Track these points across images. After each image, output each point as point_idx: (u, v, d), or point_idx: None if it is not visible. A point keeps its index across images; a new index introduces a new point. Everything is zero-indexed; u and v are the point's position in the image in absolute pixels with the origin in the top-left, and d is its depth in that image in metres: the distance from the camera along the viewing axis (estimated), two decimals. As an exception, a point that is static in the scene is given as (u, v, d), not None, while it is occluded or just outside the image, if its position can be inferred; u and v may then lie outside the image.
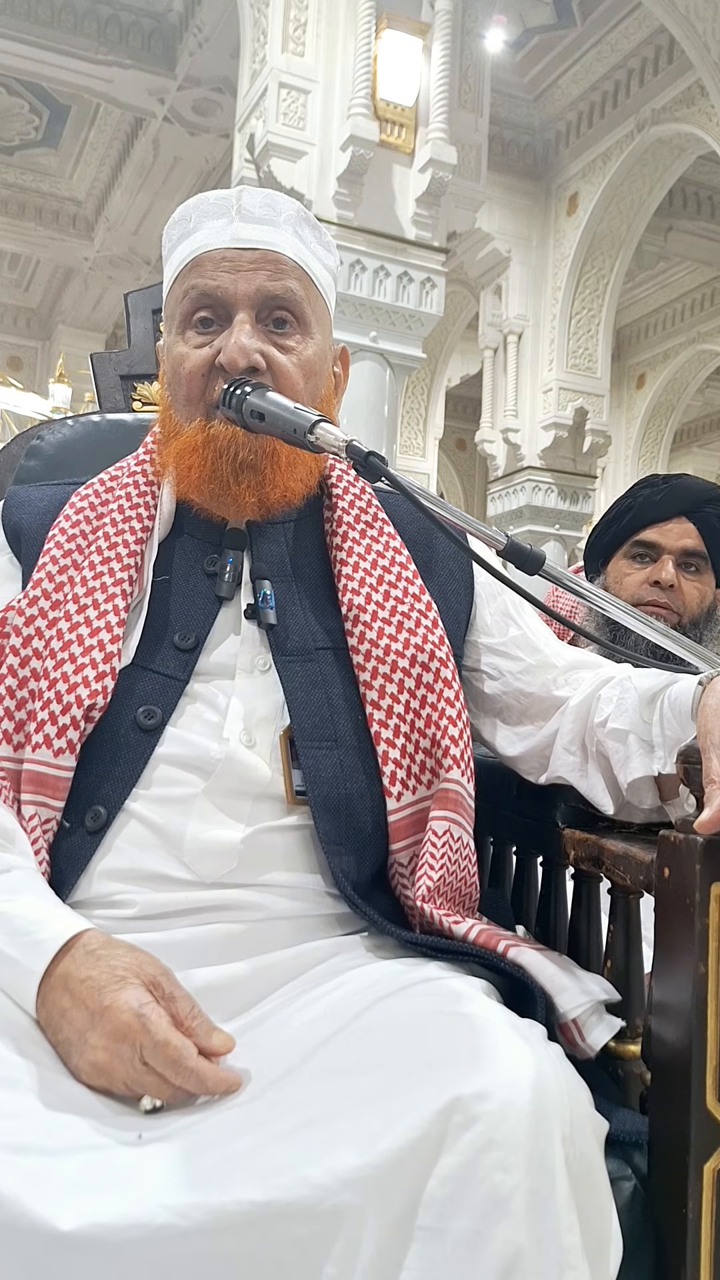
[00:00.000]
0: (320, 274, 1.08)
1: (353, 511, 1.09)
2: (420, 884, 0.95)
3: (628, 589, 1.67)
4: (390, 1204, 0.63)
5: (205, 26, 7.12)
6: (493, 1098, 0.66)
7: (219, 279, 1.02)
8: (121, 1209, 0.61)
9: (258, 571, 1.04)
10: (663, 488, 1.71)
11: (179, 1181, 0.63)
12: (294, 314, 1.03)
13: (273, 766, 0.95)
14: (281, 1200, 0.62)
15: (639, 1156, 0.85)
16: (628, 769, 0.98)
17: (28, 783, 0.93)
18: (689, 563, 1.68)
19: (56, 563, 1.02)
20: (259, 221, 1.03)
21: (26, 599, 1.00)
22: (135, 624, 1.00)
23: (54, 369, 8.42)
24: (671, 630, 0.96)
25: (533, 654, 1.11)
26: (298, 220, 1.06)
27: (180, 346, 1.04)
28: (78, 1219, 0.60)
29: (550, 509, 8.01)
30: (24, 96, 8.29)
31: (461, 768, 0.99)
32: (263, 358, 1.01)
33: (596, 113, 7.67)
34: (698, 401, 11.78)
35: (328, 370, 1.09)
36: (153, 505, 1.06)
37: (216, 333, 1.03)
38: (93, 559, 1.02)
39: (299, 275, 1.04)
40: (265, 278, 1.01)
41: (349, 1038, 0.76)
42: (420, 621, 1.03)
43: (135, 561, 1.02)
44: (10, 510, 1.10)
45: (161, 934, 0.89)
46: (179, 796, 0.93)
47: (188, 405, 1.04)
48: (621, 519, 1.72)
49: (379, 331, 5.20)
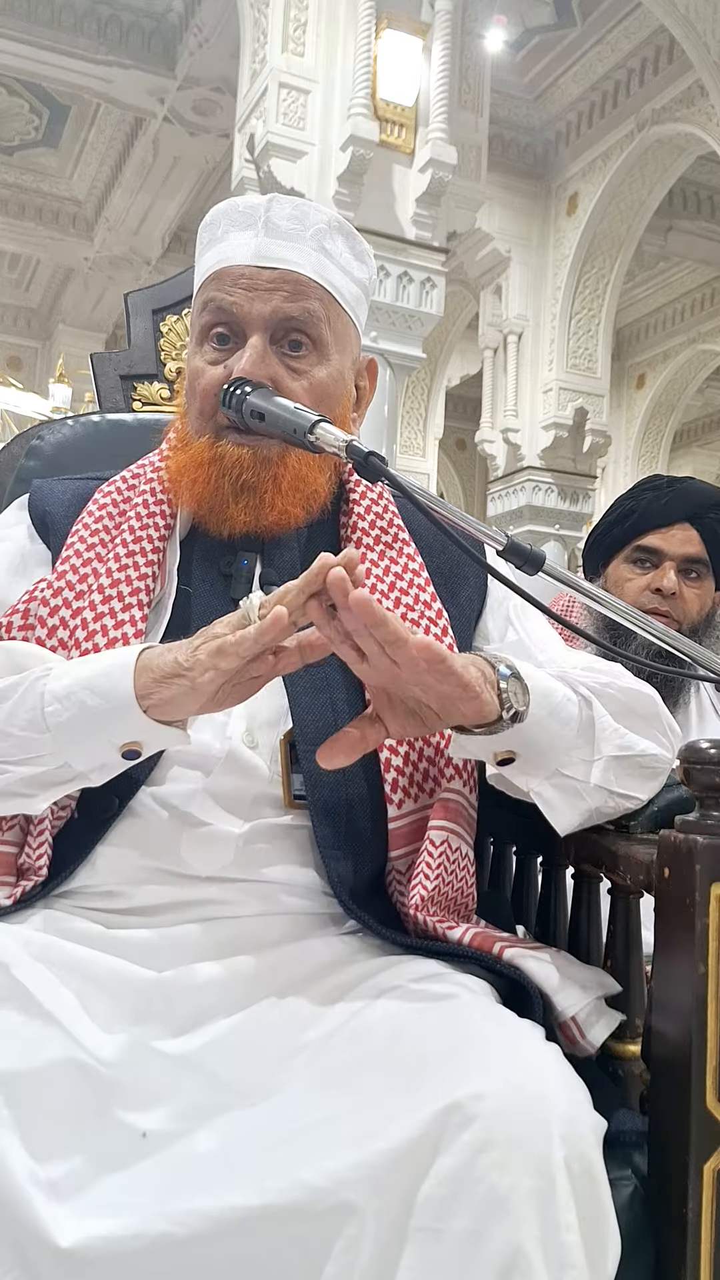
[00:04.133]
0: (346, 290, 1.06)
1: (369, 519, 1.09)
2: (414, 893, 0.95)
3: (628, 595, 1.66)
4: (389, 1204, 0.63)
5: (205, 26, 7.13)
6: (490, 1098, 0.66)
7: (236, 296, 1.02)
8: (120, 1220, 0.62)
9: (267, 577, 1.04)
10: (667, 491, 1.69)
11: (176, 1189, 0.64)
12: (310, 336, 1.03)
13: (272, 769, 0.95)
14: (279, 1203, 0.62)
15: (638, 1156, 0.85)
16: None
17: None
18: (690, 569, 1.66)
19: (80, 556, 1.03)
20: (284, 237, 1.03)
21: (51, 589, 1.01)
22: (156, 622, 1.01)
23: (54, 369, 8.42)
24: (671, 630, 0.96)
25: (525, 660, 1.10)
26: (327, 233, 1.05)
27: (197, 360, 1.05)
28: (77, 1234, 0.61)
29: (550, 509, 8.01)
30: (24, 96, 8.30)
31: (464, 777, 0.99)
32: (272, 382, 1.01)
33: (596, 113, 7.68)
34: (698, 401, 11.78)
35: (345, 390, 1.08)
36: (173, 505, 1.07)
37: (232, 350, 1.03)
38: (117, 552, 1.03)
39: (320, 295, 1.03)
40: (282, 299, 1.01)
41: (347, 1038, 0.76)
42: (429, 630, 1.03)
43: (158, 560, 1.03)
44: (37, 500, 1.12)
45: (158, 930, 0.90)
46: (182, 792, 0.94)
47: (200, 419, 1.04)
48: (624, 522, 1.70)
49: (379, 331, 5.20)
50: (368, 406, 1.16)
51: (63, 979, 0.85)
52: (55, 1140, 0.68)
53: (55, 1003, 0.82)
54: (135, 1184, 0.65)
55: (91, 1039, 0.81)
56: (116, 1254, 0.61)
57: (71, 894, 0.94)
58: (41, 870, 0.92)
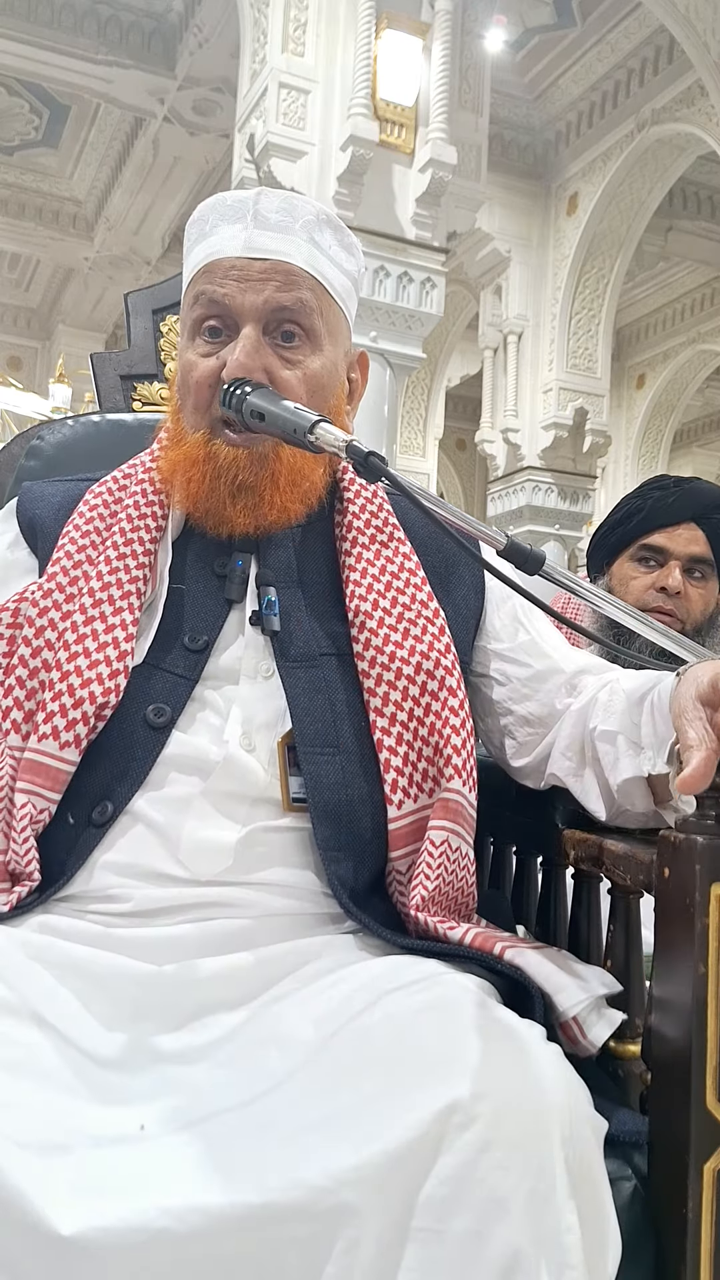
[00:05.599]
0: (336, 281, 1.06)
1: (363, 517, 1.09)
2: (415, 893, 0.95)
3: (633, 593, 1.67)
4: (390, 1204, 0.63)
5: (205, 26, 7.12)
6: (491, 1098, 0.66)
7: (227, 288, 1.01)
8: (120, 1213, 0.61)
9: (263, 578, 1.04)
10: (674, 491, 1.70)
11: (177, 1185, 0.63)
12: (302, 326, 1.03)
13: (270, 772, 0.95)
14: (279, 1202, 0.62)
15: (639, 1156, 0.85)
16: (617, 770, 0.98)
17: (26, 771, 0.93)
18: (695, 569, 1.67)
19: (71, 558, 1.03)
20: (274, 229, 1.02)
21: (40, 590, 1.00)
22: (148, 624, 1.00)
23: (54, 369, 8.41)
24: (672, 630, 0.96)
25: (541, 659, 1.10)
26: (316, 225, 1.05)
27: (189, 353, 1.05)
28: (77, 1223, 0.60)
29: (550, 509, 8.01)
30: (24, 96, 8.29)
31: (463, 777, 0.99)
32: (266, 373, 1.00)
33: (596, 113, 7.67)
34: (698, 401, 11.78)
35: (338, 381, 1.08)
36: (166, 505, 1.06)
37: (224, 342, 1.03)
38: (108, 554, 1.02)
39: (311, 285, 1.03)
40: (274, 289, 1.01)
41: (348, 1037, 0.76)
42: (427, 629, 1.03)
43: (150, 561, 1.03)
44: (25, 504, 1.11)
45: (158, 929, 0.90)
46: (179, 796, 0.94)
47: (194, 413, 1.04)
48: (630, 521, 1.70)
49: (379, 331, 5.20)
50: (360, 399, 1.16)
51: (60, 978, 0.85)
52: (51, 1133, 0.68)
53: (52, 1001, 0.82)
54: (134, 1175, 0.65)
55: (89, 1036, 0.81)
56: (117, 1246, 0.61)
57: (70, 899, 0.93)
58: (33, 875, 0.92)
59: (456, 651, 1.04)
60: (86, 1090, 0.75)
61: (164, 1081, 0.78)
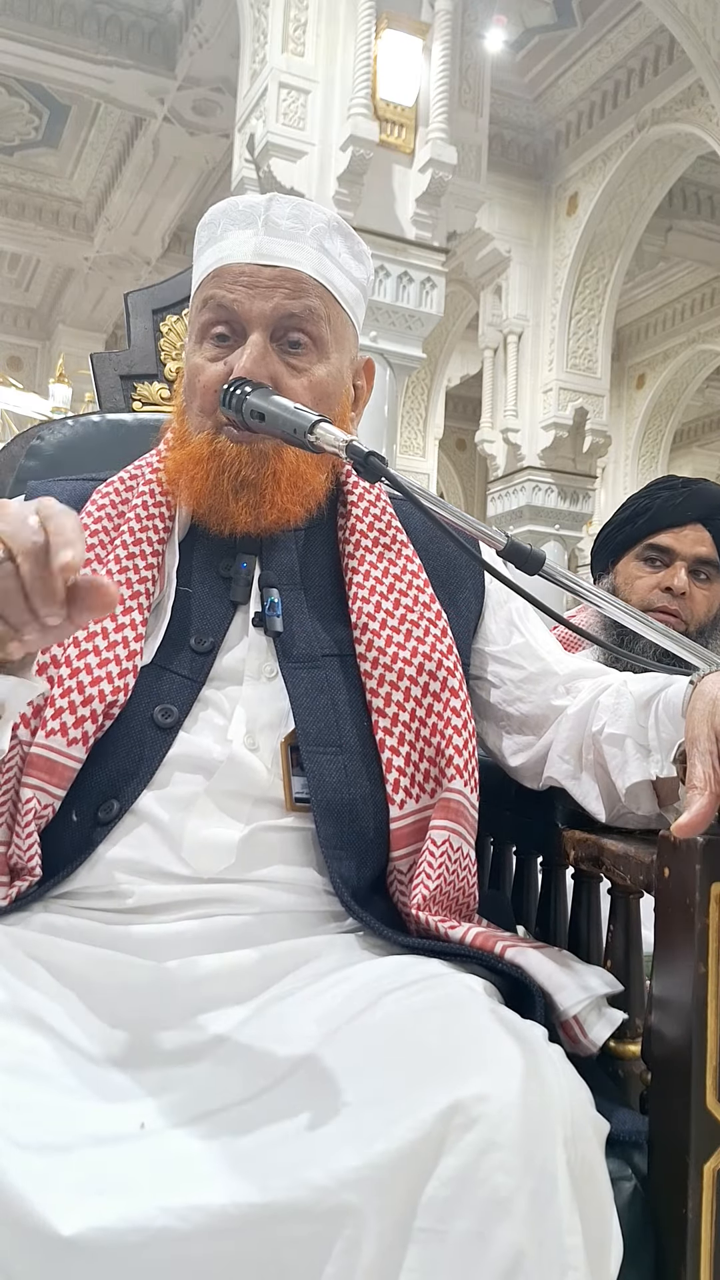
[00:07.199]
0: (345, 289, 1.07)
1: (366, 519, 1.10)
2: (416, 893, 0.95)
3: (638, 592, 1.67)
4: (391, 1205, 0.63)
5: (205, 26, 7.12)
6: (493, 1099, 0.66)
7: (236, 293, 1.02)
8: (121, 1212, 0.61)
9: (266, 580, 1.04)
10: (682, 491, 1.70)
11: (179, 1184, 0.63)
12: (309, 334, 1.03)
13: (273, 772, 0.96)
14: (281, 1202, 0.62)
15: (639, 1156, 0.85)
16: (625, 774, 0.98)
17: (32, 766, 0.94)
18: (700, 570, 1.68)
19: None
20: (284, 236, 1.03)
21: None
22: (155, 625, 1.01)
23: (54, 369, 8.41)
24: (673, 631, 0.96)
25: (534, 662, 1.11)
26: (327, 232, 1.05)
27: (197, 357, 1.05)
28: (78, 1223, 0.60)
29: (550, 509, 8.00)
30: (24, 96, 8.29)
31: (465, 778, 0.99)
32: (272, 379, 1.01)
33: (596, 113, 7.67)
34: (698, 401, 11.78)
35: (343, 389, 1.08)
36: (173, 506, 1.07)
37: (232, 347, 1.03)
38: (117, 554, 1.03)
39: (319, 293, 1.03)
40: (283, 296, 1.01)
41: (349, 1037, 0.76)
42: (429, 631, 1.03)
43: (158, 562, 1.03)
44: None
45: (161, 925, 0.90)
46: (183, 795, 0.94)
47: (200, 416, 1.05)
48: (636, 520, 1.71)
49: (379, 331, 5.20)
50: (365, 406, 1.16)
51: (60, 976, 0.85)
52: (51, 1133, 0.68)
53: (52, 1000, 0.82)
54: (135, 1175, 0.65)
55: (89, 1035, 0.81)
56: (117, 1245, 0.60)
57: (71, 895, 0.94)
58: (35, 870, 0.92)
59: (458, 654, 1.04)
60: (86, 1089, 0.75)
61: (164, 1079, 0.78)
